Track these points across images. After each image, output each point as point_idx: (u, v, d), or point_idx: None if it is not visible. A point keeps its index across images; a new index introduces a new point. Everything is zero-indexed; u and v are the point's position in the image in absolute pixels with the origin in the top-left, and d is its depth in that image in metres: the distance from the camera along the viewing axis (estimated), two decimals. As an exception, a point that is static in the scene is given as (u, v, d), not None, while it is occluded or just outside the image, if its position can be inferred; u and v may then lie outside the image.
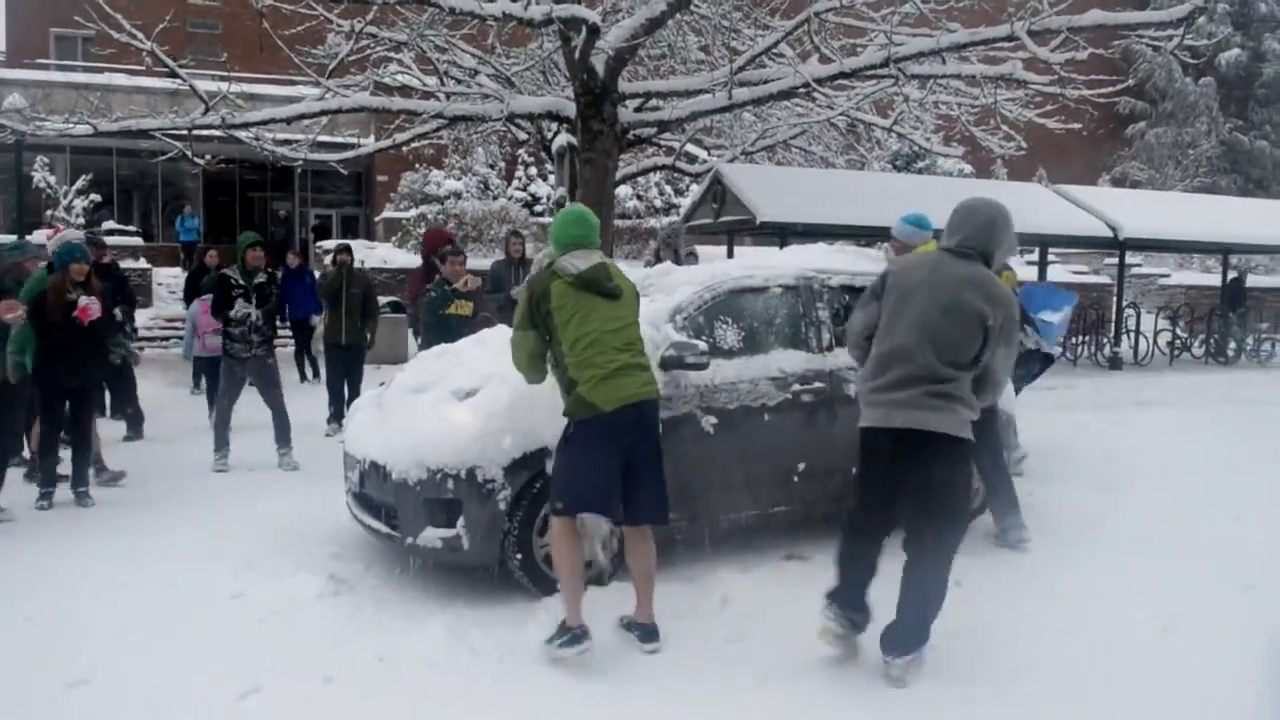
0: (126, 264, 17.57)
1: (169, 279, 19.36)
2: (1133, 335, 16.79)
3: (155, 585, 4.62)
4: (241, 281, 7.56)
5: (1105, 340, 16.53)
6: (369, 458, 4.65)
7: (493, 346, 4.87)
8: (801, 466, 5.03)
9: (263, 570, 4.78)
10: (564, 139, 13.19)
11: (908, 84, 13.21)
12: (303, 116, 12.75)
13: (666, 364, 4.49)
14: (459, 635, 3.98)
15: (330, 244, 21.64)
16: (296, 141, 14.82)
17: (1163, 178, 29.50)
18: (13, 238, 14.08)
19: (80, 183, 21.24)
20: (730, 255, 14.04)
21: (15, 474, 6.64)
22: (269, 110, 12.71)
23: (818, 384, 5.08)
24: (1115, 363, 15.59)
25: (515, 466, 4.30)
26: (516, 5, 10.53)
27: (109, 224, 20.47)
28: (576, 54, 11.30)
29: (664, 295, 5.04)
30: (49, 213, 20.39)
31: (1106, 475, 7.20)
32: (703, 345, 4.57)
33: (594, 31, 10.79)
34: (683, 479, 4.50)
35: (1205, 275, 23.18)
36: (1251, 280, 22.29)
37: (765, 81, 12.52)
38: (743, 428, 4.84)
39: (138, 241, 19.92)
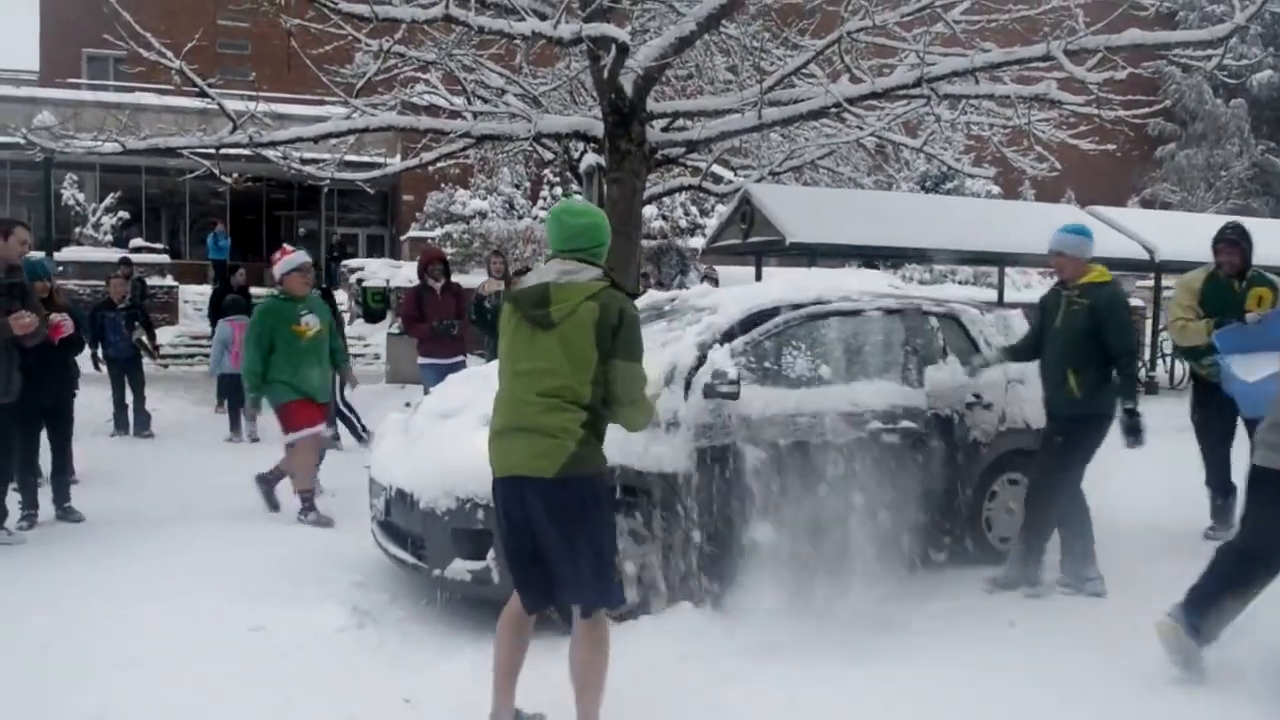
0: (153, 281, 17.64)
1: (195, 296, 19.40)
2: (1168, 360, 16.43)
3: (174, 615, 4.45)
4: None
5: (1141, 364, 16.18)
6: (395, 485, 4.50)
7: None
8: (882, 516, 4.47)
9: (286, 599, 4.62)
10: (591, 159, 13.09)
11: (939, 104, 13.03)
12: (330, 135, 12.70)
13: (707, 392, 4.31)
14: (485, 671, 3.79)
15: (356, 263, 21.73)
16: (323, 161, 14.80)
17: (1194, 200, 29.11)
18: (40, 254, 14.13)
19: (108, 200, 21.36)
20: (759, 277, 13.87)
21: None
22: (296, 129, 12.67)
23: (907, 423, 4.62)
24: (1151, 388, 15.25)
25: (547, 496, 4.11)
26: (546, 24, 10.44)
27: (136, 241, 20.53)
28: (605, 73, 11.19)
29: (711, 315, 4.84)
30: (77, 230, 20.49)
31: (1157, 506, 6.92)
32: (733, 374, 4.30)
33: (624, 50, 10.69)
34: (724, 513, 4.33)
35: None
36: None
37: (795, 101, 12.37)
38: (795, 467, 4.43)
39: (165, 259, 19.97)
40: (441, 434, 4.45)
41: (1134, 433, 4.79)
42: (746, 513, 4.35)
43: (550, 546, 3.10)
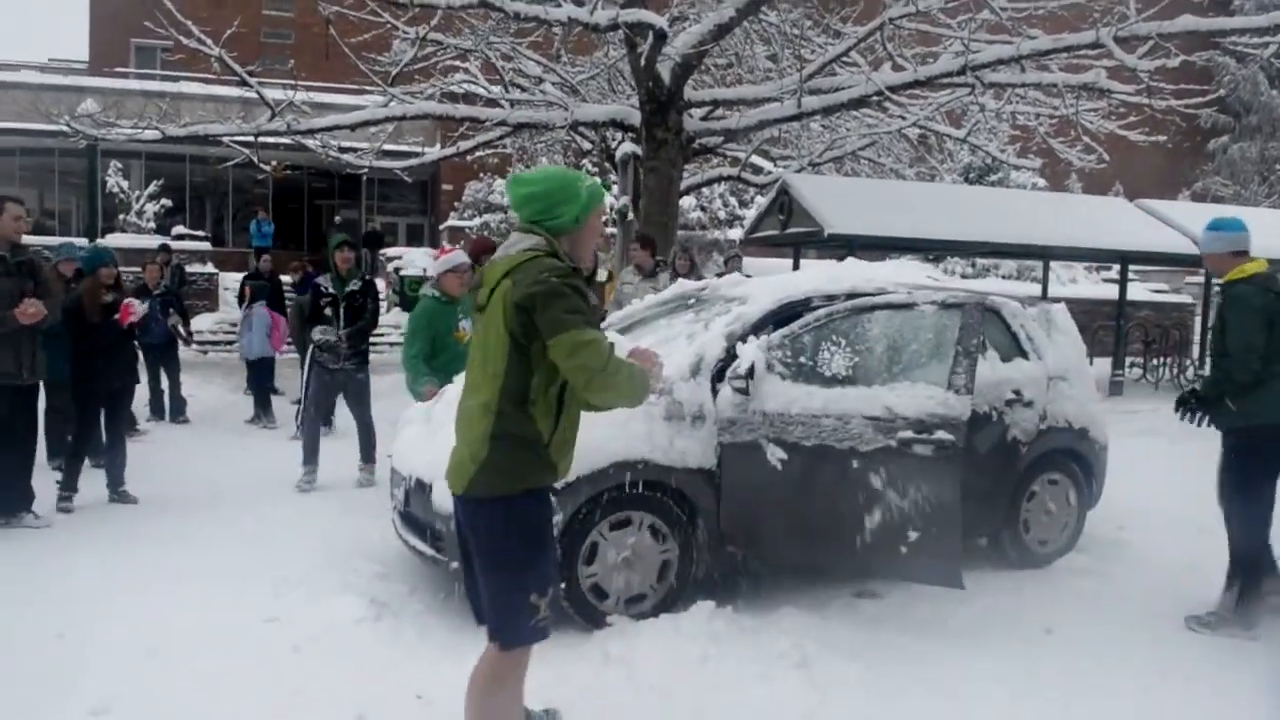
0: (194, 268, 17.80)
1: (235, 283, 19.55)
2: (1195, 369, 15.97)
3: (192, 603, 4.42)
4: (331, 290, 7.01)
5: (1189, 362, 15.76)
6: (415, 475, 4.42)
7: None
8: (913, 536, 4.07)
9: (304, 589, 4.57)
10: (628, 148, 12.97)
11: (984, 93, 12.73)
12: (368, 123, 12.70)
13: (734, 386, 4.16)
14: (502, 671, 3.71)
15: (395, 252, 21.78)
16: (361, 149, 14.82)
17: (1247, 194, 28.35)
18: (84, 240, 14.29)
19: (152, 188, 21.60)
20: (796, 268, 13.66)
21: (42, 479, 6.53)
22: (334, 117, 12.69)
23: (942, 433, 4.07)
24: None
25: (569, 489, 4.01)
26: (582, 10, 10.34)
27: (178, 229, 20.75)
28: (642, 60, 11.06)
29: (741, 306, 4.68)
30: (121, 216, 20.74)
31: (1202, 513, 6.66)
32: (743, 369, 4.14)
33: (661, 37, 10.55)
34: (746, 509, 4.18)
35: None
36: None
37: (836, 90, 12.16)
38: (818, 470, 4.13)
39: (206, 246, 20.16)
40: (461, 424, 4.35)
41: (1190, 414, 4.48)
42: (771, 511, 4.19)
43: (478, 564, 2.82)
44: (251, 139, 12.25)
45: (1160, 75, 11.56)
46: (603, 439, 4.03)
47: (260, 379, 10.23)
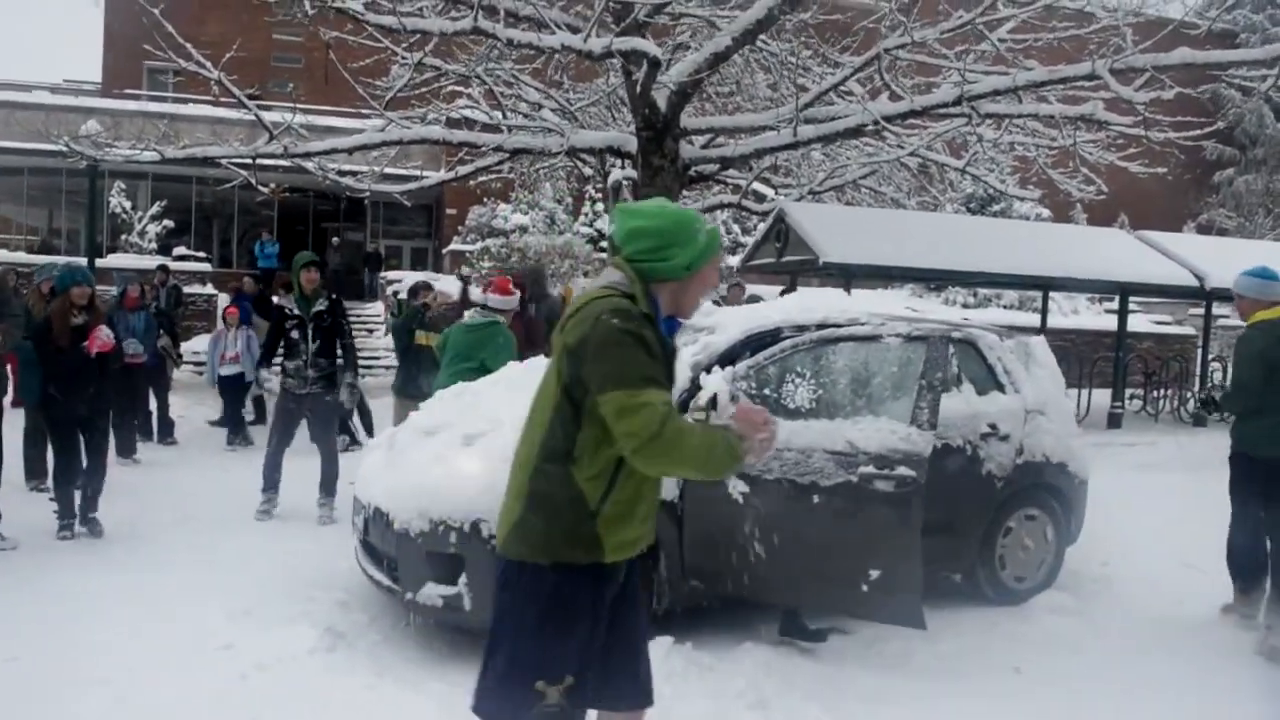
0: (194, 289, 17.85)
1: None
2: (1220, 390, 15.84)
3: (148, 629, 4.37)
4: (298, 312, 6.72)
5: (1190, 394, 15.63)
6: (374, 504, 4.36)
7: (509, 388, 4.54)
8: (874, 574, 3.98)
9: (262, 616, 4.52)
10: (618, 174, 12.97)
11: (982, 124, 12.73)
12: (365, 147, 12.75)
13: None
14: (451, 707, 3.62)
15: (395, 275, 21.82)
16: (361, 173, 14.89)
17: (1252, 226, 28.25)
18: (83, 260, 14.34)
19: (154, 209, 21.72)
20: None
21: (17, 499, 6.48)
22: (331, 140, 12.75)
23: (903, 469, 3.98)
24: (1200, 419, 14.69)
25: (524, 521, 3.94)
26: (576, 38, 10.36)
27: (180, 250, 20.84)
28: (638, 88, 11.08)
29: (709, 336, 4.63)
30: (123, 237, 20.85)
31: (1193, 549, 6.55)
32: (703, 400, 4.06)
33: (655, 65, 10.57)
34: (708, 543, 4.11)
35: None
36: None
37: (832, 119, 12.16)
38: (779, 504, 4.04)
39: (206, 267, 20.23)
40: (422, 452, 4.31)
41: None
42: (732, 546, 4.11)
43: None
44: (250, 161, 12.30)
45: (1158, 107, 11.54)
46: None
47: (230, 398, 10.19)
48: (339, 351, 6.87)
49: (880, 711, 3.74)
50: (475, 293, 11.72)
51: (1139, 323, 19.50)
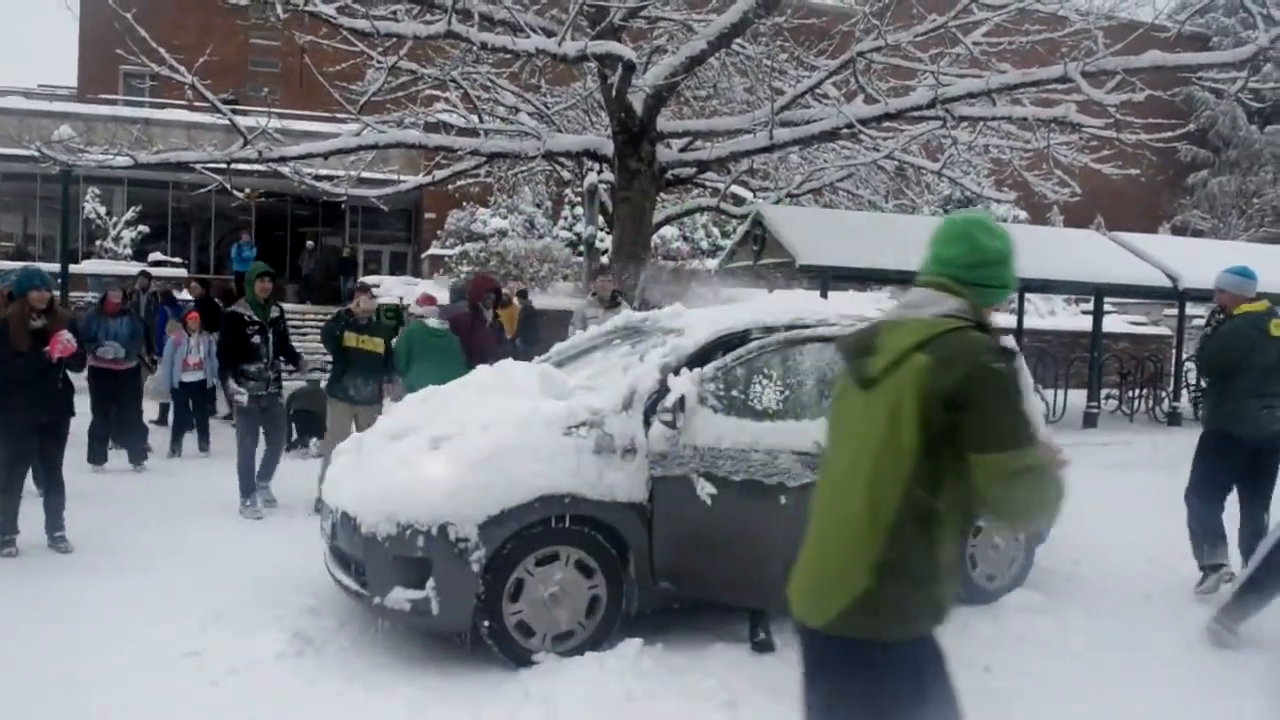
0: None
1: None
2: (1193, 390, 16.00)
3: (113, 634, 4.34)
4: (257, 318, 6.97)
5: (1164, 394, 15.77)
6: (341, 508, 4.34)
7: (478, 391, 4.54)
8: None
9: (230, 622, 4.48)
10: (594, 178, 12.99)
11: (957, 126, 12.81)
12: (340, 151, 12.72)
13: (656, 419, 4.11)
14: (421, 710, 3.63)
15: (374, 280, 21.75)
16: (337, 177, 14.83)
17: (1226, 227, 28.54)
18: (55, 266, 14.22)
19: (129, 214, 21.56)
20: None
21: None
22: (306, 145, 12.71)
23: None
24: (1174, 418, 14.83)
25: (492, 524, 3.95)
26: (550, 41, 10.36)
27: (155, 255, 20.68)
28: (613, 92, 11.10)
29: (677, 338, 4.63)
30: (98, 242, 20.69)
31: (1164, 546, 6.60)
32: (671, 401, 4.09)
33: (630, 68, 10.58)
34: (677, 545, 4.11)
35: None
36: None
37: (809, 122, 12.22)
38: (747, 506, 4.06)
39: (183, 273, 20.09)
40: (389, 456, 4.29)
41: None
42: (701, 547, 4.11)
43: (809, 711, 2.22)
44: (225, 166, 12.24)
45: (1130, 109, 11.65)
46: (529, 473, 3.98)
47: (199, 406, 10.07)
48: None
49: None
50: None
51: (1114, 323, 19.65)
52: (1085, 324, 16.51)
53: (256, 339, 6.94)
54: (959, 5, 11.14)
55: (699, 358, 4.45)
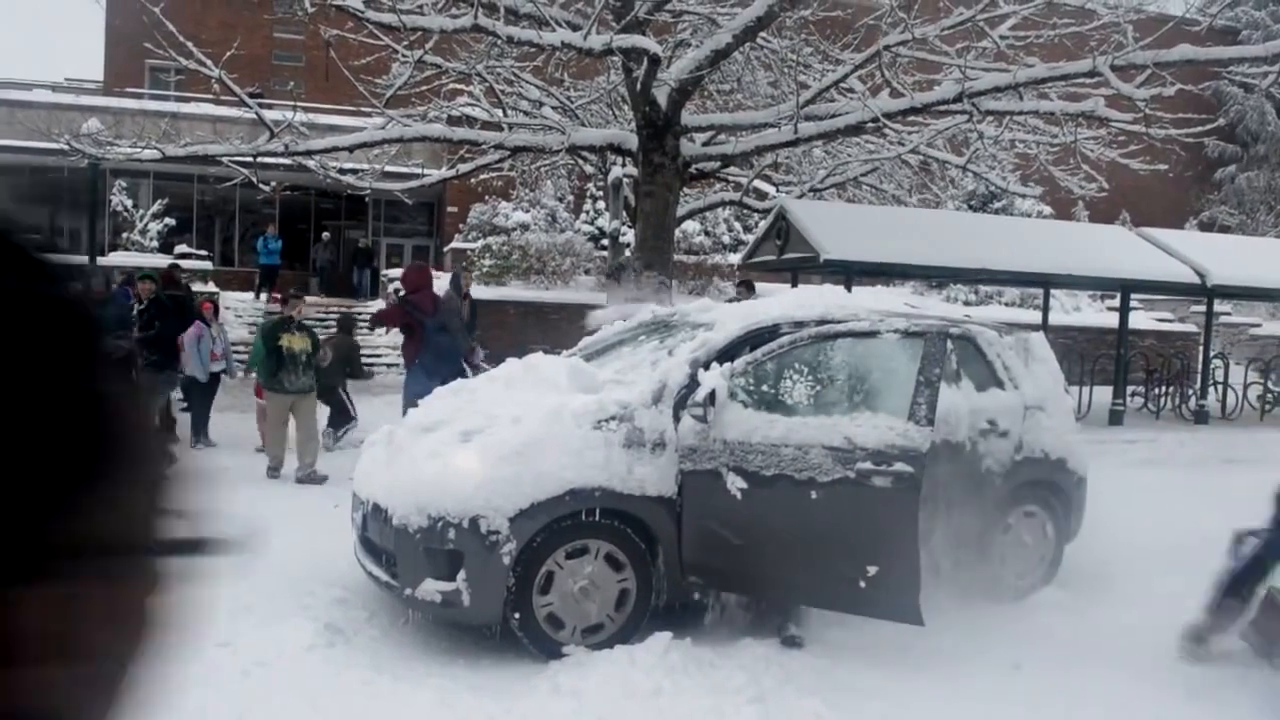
0: (196, 288, 17.84)
1: (237, 303, 19.65)
2: (1220, 388, 15.84)
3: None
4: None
5: (1191, 392, 15.61)
6: (373, 499, 4.36)
7: (507, 384, 4.55)
8: (871, 570, 3.95)
9: (259, 613, 4.50)
10: (618, 171, 12.99)
11: (983, 121, 12.72)
12: (365, 145, 12.77)
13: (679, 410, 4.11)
14: (450, 701, 3.64)
15: (397, 273, 21.82)
16: (362, 170, 14.90)
17: (1254, 223, 28.22)
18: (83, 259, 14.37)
19: (156, 207, 21.73)
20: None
21: None
22: (332, 138, 12.76)
23: (900, 465, 3.92)
24: (1201, 416, 14.68)
25: (523, 517, 3.96)
26: (576, 35, 10.36)
27: (181, 248, 20.85)
28: (638, 85, 11.09)
29: (707, 333, 4.62)
30: (124, 235, 20.87)
31: (1193, 547, 6.53)
32: (702, 396, 4.09)
33: (655, 62, 10.57)
34: (706, 539, 4.11)
35: (1302, 326, 21.99)
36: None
37: (833, 116, 12.16)
38: (778, 500, 4.05)
39: (207, 265, 20.25)
40: (420, 449, 4.31)
41: None
42: (731, 541, 4.11)
43: None
44: (251, 159, 12.32)
45: (1159, 104, 11.52)
46: (559, 466, 3.99)
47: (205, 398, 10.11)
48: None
49: (877, 706, 3.74)
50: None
51: (1140, 320, 19.46)
52: (1110, 320, 16.38)
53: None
54: (986, -1, 11.05)
55: (729, 352, 4.45)
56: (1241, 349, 20.85)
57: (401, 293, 9.12)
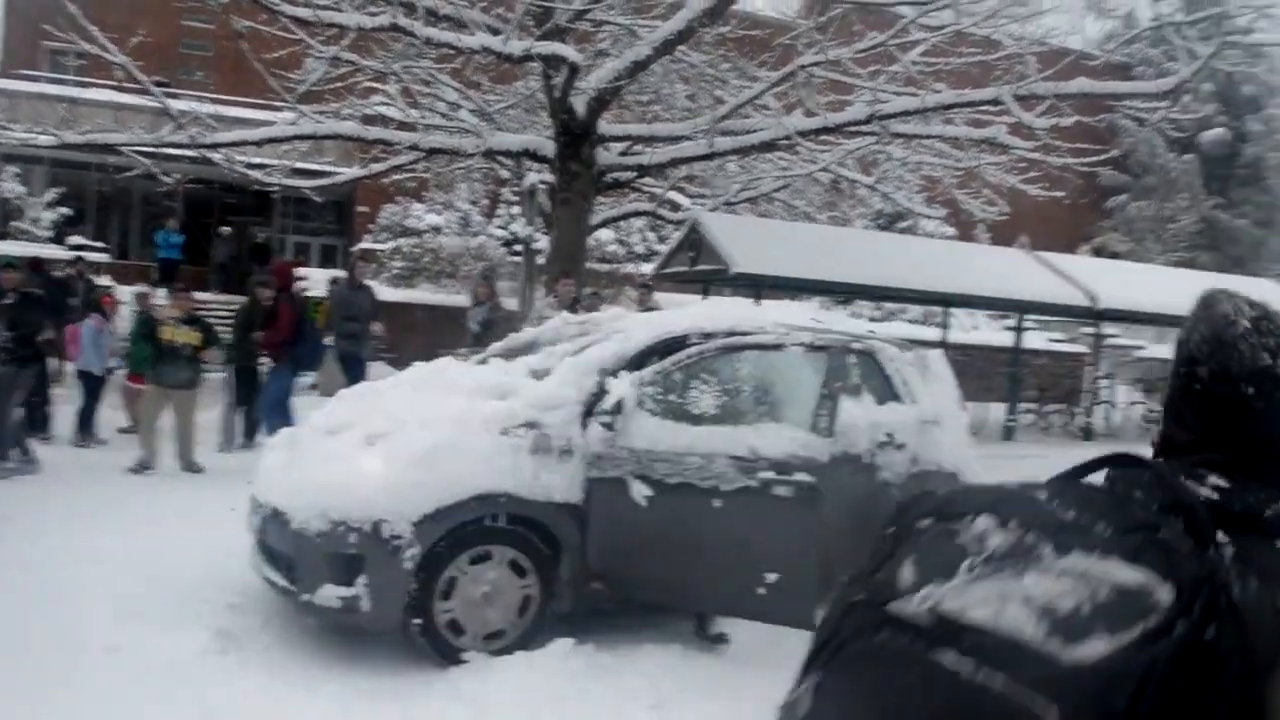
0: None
1: (133, 296, 18.96)
2: (1107, 406, 16.60)
3: (30, 631, 4.20)
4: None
5: (1079, 410, 16.31)
6: (272, 503, 4.28)
7: (415, 388, 4.52)
8: (771, 577, 4.02)
9: (150, 618, 4.38)
10: (533, 178, 12.98)
11: (891, 142, 13.09)
12: (274, 140, 12.50)
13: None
14: (348, 708, 3.60)
15: (303, 273, 21.32)
16: (270, 166, 14.56)
17: (1142, 251, 29.58)
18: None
19: (49, 195, 20.86)
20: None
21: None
22: (240, 132, 12.45)
23: (801, 475, 4.06)
24: (1088, 433, 15.36)
25: (427, 522, 3.94)
26: (496, 40, 10.32)
27: (75, 238, 20.05)
28: (557, 93, 11.10)
29: (621, 340, 4.66)
30: (14, 224, 19.98)
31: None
32: (609, 404, 4.15)
33: (574, 70, 10.59)
34: (611, 545, 4.15)
35: (1183, 350, 23.11)
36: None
37: (748, 132, 12.36)
38: (682, 508, 4.12)
39: (104, 258, 19.50)
40: (322, 452, 4.25)
41: None
42: (635, 549, 4.16)
43: None
44: (153, 149, 11.93)
45: (1058, 133, 12.02)
46: (465, 472, 3.98)
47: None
48: None
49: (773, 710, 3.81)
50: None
51: (1034, 340, 20.23)
52: (1007, 340, 16.99)
53: None
54: (898, 25, 11.39)
55: (638, 361, 4.50)
56: (1127, 369, 21.84)
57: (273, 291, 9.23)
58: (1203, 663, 0.72)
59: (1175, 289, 16.04)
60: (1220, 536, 0.81)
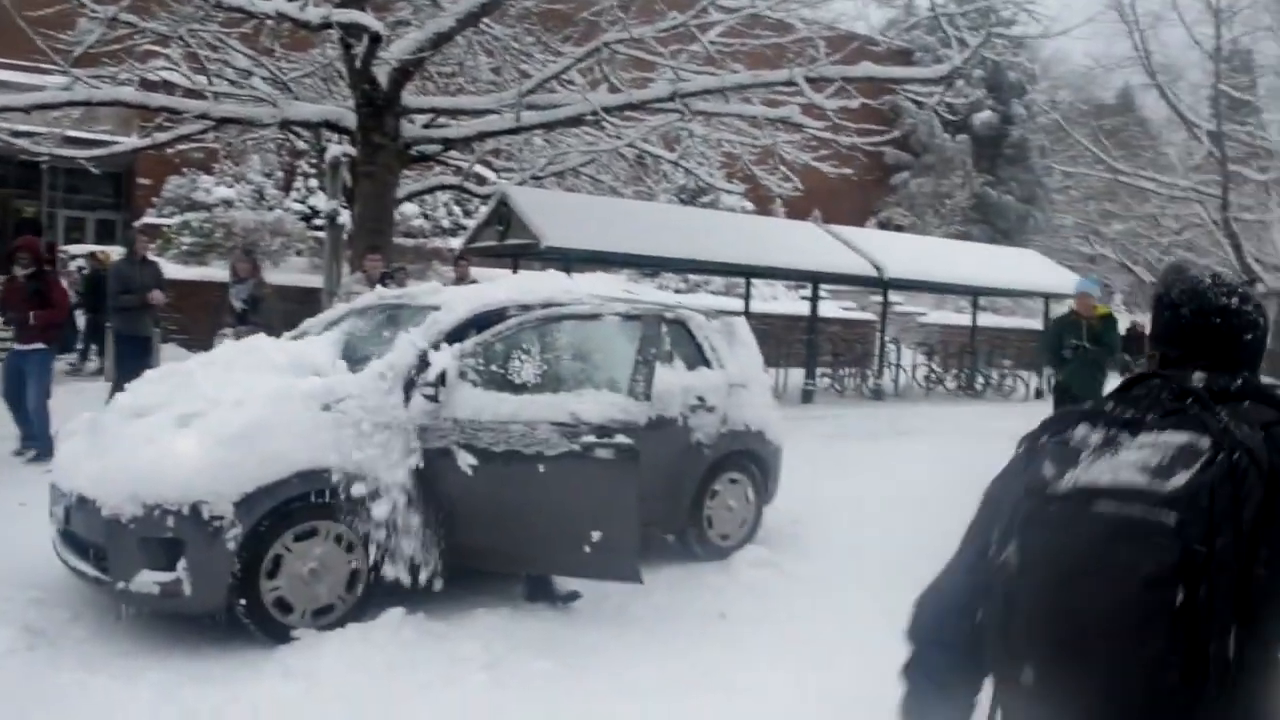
0: None
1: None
2: (894, 369, 17.87)
3: None
4: None
5: (870, 373, 17.48)
6: (77, 491, 4.09)
7: (226, 367, 4.42)
8: (595, 535, 4.20)
9: (-58, 621, 4.10)
10: (337, 150, 12.61)
11: (693, 120, 13.53)
12: (45, 106, 11.60)
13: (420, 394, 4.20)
14: (172, 695, 3.53)
15: (77, 250, 19.81)
16: (40, 134, 13.45)
17: (923, 224, 31.73)
18: None
19: None
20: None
21: None
22: (6, 97, 11.45)
23: (621, 438, 4.21)
24: (878, 394, 16.50)
25: (248, 501, 3.89)
26: (292, 5, 9.97)
27: None
28: (358, 63, 10.82)
29: (435, 315, 4.70)
30: None
31: (863, 504, 7.38)
32: (430, 377, 4.24)
33: (376, 40, 10.36)
34: (439, 519, 4.23)
35: (958, 315, 25.07)
36: (995, 320, 24.29)
37: (554, 106, 12.47)
38: (508, 476, 4.24)
39: None
40: (131, 435, 4.09)
41: None
42: (463, 516, 4.26)
43: None
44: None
45: (846, 115, 12.80)
46: (286, 448, 3.96)
47: None
48: None
49: (601, 661, 4.02)
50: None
51: (829, 308, 21.42)
52: (804, 309, 17.94)
53: None
54: (698, 5, 11.76)
55: (457, 333, 4.58)
56: (911, 334, 23.51)
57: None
58: (1237, 474, 1.26)
59: (952, 259, 17.47)
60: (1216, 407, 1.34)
